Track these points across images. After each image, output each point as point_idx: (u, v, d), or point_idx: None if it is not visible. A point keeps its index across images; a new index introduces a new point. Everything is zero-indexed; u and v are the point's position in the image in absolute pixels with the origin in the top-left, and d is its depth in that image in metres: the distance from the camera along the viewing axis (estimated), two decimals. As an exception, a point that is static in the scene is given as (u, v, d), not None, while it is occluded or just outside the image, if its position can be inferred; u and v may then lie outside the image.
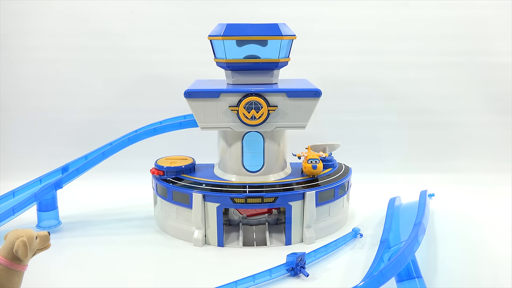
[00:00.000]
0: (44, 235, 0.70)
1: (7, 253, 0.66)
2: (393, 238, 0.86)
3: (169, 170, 1.01)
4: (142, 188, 1.21)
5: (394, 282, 0.73)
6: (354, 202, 1.12)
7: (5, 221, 0.94)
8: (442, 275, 0.83)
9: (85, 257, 0.90)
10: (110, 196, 1.24)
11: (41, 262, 0.77)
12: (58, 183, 0.99)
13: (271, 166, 1.00)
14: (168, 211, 1.00)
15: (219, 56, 0.98)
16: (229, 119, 0.95)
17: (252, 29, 0.95)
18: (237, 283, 0.77)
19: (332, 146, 1.13)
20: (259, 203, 0.94)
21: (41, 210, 1.01)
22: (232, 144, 0.99)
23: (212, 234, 0.95)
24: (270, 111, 0.94)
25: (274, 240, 0.97)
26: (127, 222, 1.08)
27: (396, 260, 0.70)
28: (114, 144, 1.05)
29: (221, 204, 0.93)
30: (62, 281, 0.81)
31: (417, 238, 0.76)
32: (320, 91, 0.95)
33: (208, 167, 1.08)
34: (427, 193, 1.05)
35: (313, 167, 1.00)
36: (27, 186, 1.04)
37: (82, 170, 1.02)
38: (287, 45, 0.98)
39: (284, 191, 0.95)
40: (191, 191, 0.94)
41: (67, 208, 1.08)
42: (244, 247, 0.95)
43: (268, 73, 1.00)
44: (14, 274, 0.67)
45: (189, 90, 0.94)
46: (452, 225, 1.05)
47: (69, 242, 0.97)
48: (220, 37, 0.94)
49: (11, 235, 0.67)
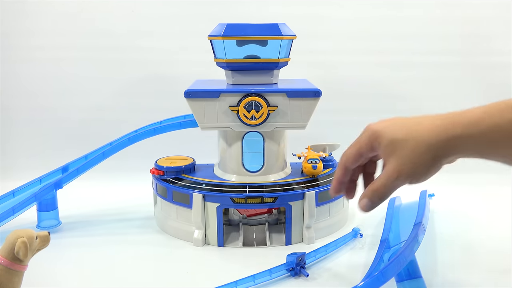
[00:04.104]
0: (44, 235, 0.70)
1: (7, 253, 0.66)
2: (393, 238, 0.86)
3: (169, 170, 1.01)
4: (142, 188, 1.21)
5: (394, 282, 0.73)
6: (354, 202, 1.11)
7: (5, 221, 0.94)
8: (442, 275, 0.83)
9: (85, 257, 0.90)
10: (110, 196, 1.24)
11: (41, 262, 0.76)
12: (58, 183, 0.99)
13: (271, 166, 1.00)
14: (168, 211, 1.00)
15: (219, 56, 0.98)
16: (229, 119, 0.95)
17: (252, 29, 0.95)
18: (237, 283, 0.77)
19: (332, 146, 1.13)
20: (259, 203, 0.94)
21: (41, 210, 1.01)
22: (232, 144, 0.99)
23: (212, 234, 0.95)
24: (270, 111, 0.94)
25: (274, 240, 0.97)
26: (127, 222, 1.08)
27: (396, 260, 0.70)
28: (114, 144, 1.05)
29: (221, 204, 0.93)
30: (62, 281, 0.81)
31: (417, 238, 0.76)
32: (320, 91, 0.95)
33: (208, 167, 1.08)
34: (427, 193, 1.05)
35: (313, 167, 1.00)
36: (27, 186, 1.04)
37: (82, 170, 1.02)
38: (287, 45, 0.98)
39: (284, 191, 0.95)
40: (191, 191, 0.94)
41: (67, 208, 1.08)
42: (244, 247, 0.95)
43: (268, 73, 1.00)
44: (14, 274, 0.67)
45: (189, 90, 0.94)
46: (452, 225, 1.05)
47: (69, 242, 0.97)
48: (220, 37, 0.94)
49: (11, 236, 0.67)
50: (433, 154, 0.60)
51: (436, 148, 0.60)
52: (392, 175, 0.62)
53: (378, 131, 0.64)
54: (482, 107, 0.59)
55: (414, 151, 0.61)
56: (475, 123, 0.58)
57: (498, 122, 0.57)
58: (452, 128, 0.59)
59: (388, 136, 0.63)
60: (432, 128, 0.60)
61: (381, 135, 0.63)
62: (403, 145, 0.61)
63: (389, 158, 0.63)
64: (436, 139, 0.60)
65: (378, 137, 0.64)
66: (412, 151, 0.61)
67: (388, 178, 0.63)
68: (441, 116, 0.62)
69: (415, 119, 0.64)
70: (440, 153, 0.60)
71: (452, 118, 0.60)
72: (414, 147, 0.61)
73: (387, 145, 0.63)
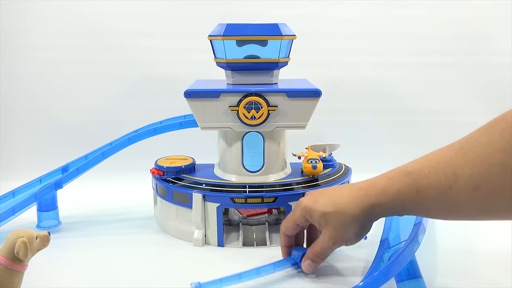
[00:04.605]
0: (44, 235, 0.70)
1: (7, 253, 0.66)
2: (393, 238, 0.85)
3: (169, 170, 1.01)
4: (142, 188, 1.21)
5: (394, 282, 0.73)
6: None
7: (5, 221, 0.94)
8: (442, 275, 0.83)
9: (85, 257, 0.90)
10: (110, 196, 1.24)
11: (41, 262, 0.77)
12: (58, 183, 0.99)
13: (271, 166, 1.00)
14: (168, 211, 1.00)
15: (219, 56, 0.98)
16: (229, 119, 0.95)
17: (252, 29, 0.95)
18: (241, 275, 0.77)
19: (332, 146, 1.12)
20: (259, 203, 0.94)
21: (41, 210, 1.01)
22: (232, 144, 0.99)
23: (212, 234, 0.95)
24: (270, 111, 0.94)
25: (274, 240, 0.96)
26: (127, 222, 1.08)
27: (396, 260, 0.70)
28: (114, 144, 1.05)
29: (221, 204, 0.93)
30: (62, 281, 0.81)
31: (417, 238, 0.76)
32: (320, 91, 0.95)
33: (208, 167, 1.08)
34: (427, 193, 1.05)
35: (313, 167, 1.00)
36: (27, 186, 1.04)
37: (82, 170, 1.02)
38: (287, 45, 0.98)
39: (284, 191, 0.95)
40: (191, 191, 0.94)
41: (67, 208, 1.08)
42: (244, 247, 0.95)
43: (268, 73, 1.00)
44: (14, 274, 0.67)
45: (189, 90, 0.94)
46: (452, 225, 1.05)
47: (69, 242, 0.97)
48: (220, 37, 0.94)
49: (11, 236, 0.67)
50: (359, 222, 0.72)
51: (360, 217, 0.71)
52: (329, 241, 0.74)
53: (308, 206, 0.76)
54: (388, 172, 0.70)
55: (342, 222, 0.72)
56: (382, 193, 0.68)
57: (400, 188, 0.67)
58: (367, 199, 0.70)
59: (319, 210, 0.74)
60: (351, 200, 0.71)
61: (313, 209, 0.75)
62: (333, 217, 0.73)
63: (323, 228, 0.74)
64: (358, 210, 0.70)
65: (311, 211, 0.75)
66: (341, 222, 0.72)
67: (326, 244, 0.75)
68: (357, 186, 0.73)
69: (337, 192, 0.75)
70: (364, 220, 0.72)
71: (366, 189, 0.71)
72: (342, 219, 0.72)
73: (320, 217, 0.74)
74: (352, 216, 0.71)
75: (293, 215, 0.80)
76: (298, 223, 0.79)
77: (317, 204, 0.74)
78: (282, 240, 0.83)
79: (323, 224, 0.74)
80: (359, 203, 0.70)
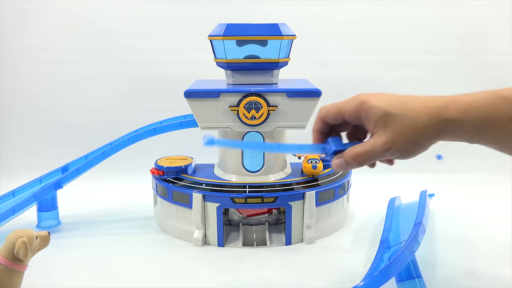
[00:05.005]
0: (44, 235, 0.70)
1: (7, 253, 0.66)
2: (393, 238, 0.86)
3: (169, 170, 1.01)
4: (142, 188, 1.21)
5: (394, 282, 0.73)
6: (354, 202, 1.12)
7: (5, 221, 0.94)
8: (442, 275, 0.83)
9: (85, 257, 0.90)
10: (110, 196, 1.24)
11: (41, 262, 0.77)
12: (58, 183, 0.99)
13: (271, 166, 1.00)
14: (168, 211, 1.00)
15: (219, 56, 0.98)
16: (229, 119, 0.95)
17: (252, 29, 0.95)
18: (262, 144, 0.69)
19: (332, 146, 1.12)
20: (259, 203, 0.94)
21: (41, 210, 1.01)
22: (232, 144, 0.99)
23: (212, 234, 0.95)
24: (270, 111, 0.94)
25: (274, 240, 0.96)
26: (127, 222, 1.08)
27: (396, 260, 0.70)
28: (114, 144, 1.05)
29: (221, 204, 0.93)
30: (62, 281, 0.81)
31: (417, 238, 0.76)
32: (320, 91, 0.95)
33: (208, 167, 1.08)
34: (427, 193, 1.05)
35: (313, 167, 1.00)
36: (27, 186, 1.04)
37: (82, 170, 1.02)
38: (287, 45, 0.98)
39: (284, 191, 0.95)
40: (191, 191, 0.94)
41: (67, 208, 1.08)
42: (244, 247, 0.95)
43: (268, 73, 1.00)
44: (14, 274, 0.67)
45: (189, 90, 0.94)
46: (452, 225, 1.05)
47: (69, 242, 0.97)
48: (220, 37, 0.94)
49: (11, 236, 0.67)
50: (427, 134, 0.61)
51: (430, 129, 0.60)
52: (383, 146, 0.61)
53: (368, 102, 0.63)
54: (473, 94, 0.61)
55: (408, 128, 0.61)
56: (465, 110, 0.60)
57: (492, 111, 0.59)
58: (445, 112, 0.60)
59: (382, 108, 0.62)
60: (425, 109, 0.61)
61: (374, 106, 0.62)
62: (398, 120, 0.61)
63: (380, 129, 0.62)
64: (431, 121, 0.60)
65: (370, 107, 0.63)
66: (407, 128, 0.61)
67: (377, 147, 0.62)
68: (431, 98, 0.62)
69: (407, 97, 0.64)
70: (433, 134, 0.61)
71: (444, 102, 0.61)
72: (409, 125, 0.61)
73: (381, 116, 0.62)
74: (423, 125, 0.60)
75: (343, 104, 0.66)
76: (345, 115, 0.65)
77: (381, 102, 0.62)
78: (316, 124, 0.69)
79: (381, 125, 0.62)
80: (433, 114, 0.60)
